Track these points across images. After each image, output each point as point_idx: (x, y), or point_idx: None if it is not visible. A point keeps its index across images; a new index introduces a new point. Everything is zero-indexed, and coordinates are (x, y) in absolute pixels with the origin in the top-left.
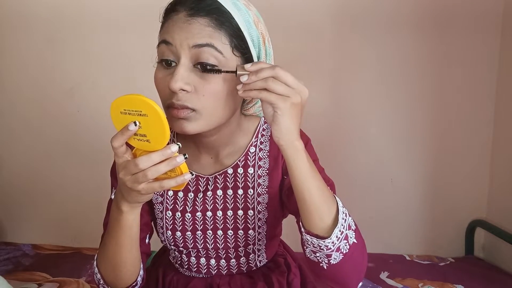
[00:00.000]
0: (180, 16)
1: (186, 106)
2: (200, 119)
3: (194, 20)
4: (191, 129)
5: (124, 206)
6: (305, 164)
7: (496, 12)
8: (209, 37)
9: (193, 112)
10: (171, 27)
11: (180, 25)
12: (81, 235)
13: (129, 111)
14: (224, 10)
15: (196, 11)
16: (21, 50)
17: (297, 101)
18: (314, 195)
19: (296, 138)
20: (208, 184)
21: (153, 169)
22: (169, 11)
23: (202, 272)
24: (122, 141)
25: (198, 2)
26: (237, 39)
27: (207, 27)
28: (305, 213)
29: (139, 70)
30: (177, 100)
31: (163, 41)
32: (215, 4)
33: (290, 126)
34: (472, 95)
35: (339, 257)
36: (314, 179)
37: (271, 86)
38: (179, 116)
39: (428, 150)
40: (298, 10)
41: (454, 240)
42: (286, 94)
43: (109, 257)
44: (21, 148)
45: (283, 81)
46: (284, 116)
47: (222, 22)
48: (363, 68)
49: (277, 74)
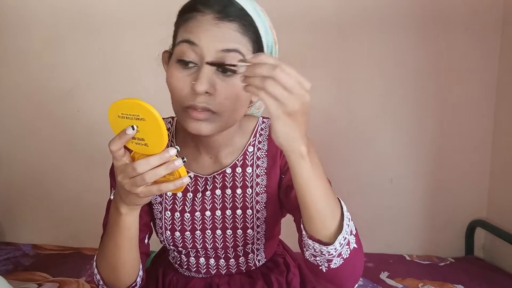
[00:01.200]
0: (207, 17)
1: (208, 109)
2: (218, 121)
3: (223, 24)
4: (208, 131)
5: (123, 208)
6: (307, 170)
7: (496, 12)
8: (237, 42)
9: (213, 115)
10: (197, 28)
11: (207, 27)
12: (81, 235)
13: (126, 115)
14: (248, 15)
15: (225, 15)
16: (21, 50)
17: (292, 109)
18: (317, 202)
19: (297, 144)
20: (207, 184)
21: (151, 172)
22: (191, 10)
23: (201, 272)
24: (120, 145)
25: (227, 6)
26: (258, 45)
27: (235, 32)
28: (307, 219)
29: (139, 70)
30: (199, 102)
31: (186, 41)
32: (241, 9)
33: (288, 132)
34: (472, 95)
35: (340, 261)
36: (318, 186)
37: (267, 88)
38: (199, 118)
39: (428, 150)
40: (302, 10)
41: (454, 240)
42: (282, 101)
43: (108, 258)
44: (21, 148)
45: (282, 84)
46: (278, 123)
47: (248, 28)
48: (364, 68)
49: (276, 76)
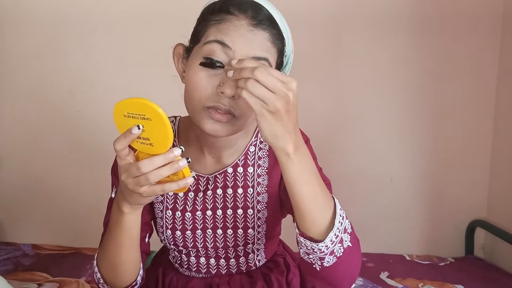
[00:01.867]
0: (242, 23)
1: (231, 112)
2: (236, 125)
3: (257, 32)
4: (224, 133)
5: (125, 207)
6: (295, 168)
7: (496, 13)
8: (267, 51)
9: (233, 118)
10: (232, 32)
11: (242, 33)
12: (81, 235)
13: (132, 115)
14: (277, 24)
15: (259, 22)
16: (21, 50)
17: (274, 108)
18: (306, 199)
19: (283, 142)
20: (208, 183)
21: (155, 172)
22: (224, 11)
23: (201, 271)
24: (125, 144)
25: (258, 14)
26: (281, 56)
27: (267, 41)
28: (297, 216)
29: (139, 70)
30: (224, 104)
31: (219, 42)
32: (271, 18)
33: (273, 129)
34: (472, 95)
35: (333, 260)
36: (307, 184)
37: (249, 88)
38: (222, 120)
39: (428, 150)
40: (299, 10)
41: (454, 240)
42: (264, 100)
43: (109, 256)
44: (21, 148)
45: (263, 84)
46: (261, 120)
47: (277, 38)
48: (364, 68)
49: (256, 77)
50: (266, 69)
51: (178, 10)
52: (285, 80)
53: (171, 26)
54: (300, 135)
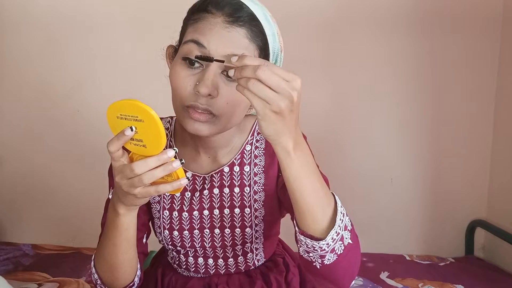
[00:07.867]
0: (217, 20)
1: (209, 111)
2: (217, 124)
3: (233, 29)
4: (206, 132)
5: (121, 209)
6: (294, 165)
7: (496, 13)
8: (245, 48)
9: (213, 117)
10: (207, 30)
11: (218, 30)
12: (81, 235)
13: (125, 116)
14: (258, 21)
15: (235, 19)
16: (21, 50)
17: (278, 108)
18: (306, 196)
19: (284, 139)
20: (205, 183)
21: (149, 174)
22: (202, 10)
23: (200, 272)
24: (118, 146)
25: (238, 10)
26: (264, 52)
27: (244, 38)
28: (297, 214)
29: (139, 70)
30: (201, 103)
31: (194, 41)
32: (251, 15)
33: (275, 128)
34: (472, 95)
35: (334, 257)
36: (307, 180)
37: (252, 89)
38: (200, 119)
39: (428, 150)
40: (299, 10)
41: (454, 240)
42: (267, 100)
43: (106, 257)
44: (21, 148)
45: (266, 84)
46: (264, 121)
47: (257, 35)
48: (364, 68)
49: (259, 76)
50: (269, 67)
51: (178, 10)
52: (289, 79)
53: (171, 26)
54: (300, 131)
